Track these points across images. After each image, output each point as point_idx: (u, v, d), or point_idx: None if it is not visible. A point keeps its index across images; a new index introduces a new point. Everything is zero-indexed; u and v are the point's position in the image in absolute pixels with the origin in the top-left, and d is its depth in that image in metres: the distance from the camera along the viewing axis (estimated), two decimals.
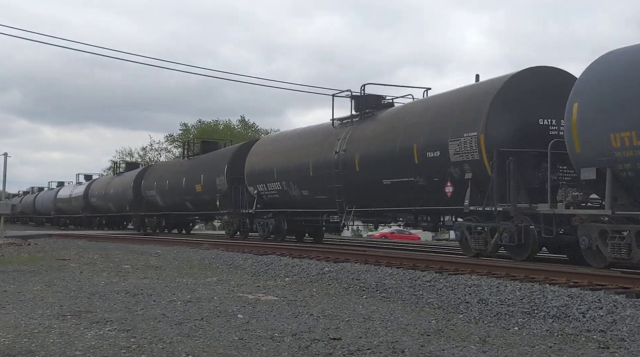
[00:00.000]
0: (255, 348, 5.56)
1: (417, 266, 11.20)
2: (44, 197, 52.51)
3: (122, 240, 23.06)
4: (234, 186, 22.87)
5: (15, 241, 23.14)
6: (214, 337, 5.98)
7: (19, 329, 6.29)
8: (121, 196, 35.07)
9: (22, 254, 16.84)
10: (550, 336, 6.25)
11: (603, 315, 6.76)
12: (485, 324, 6.90)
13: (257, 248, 16.24)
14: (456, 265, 10.93)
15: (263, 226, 21.41)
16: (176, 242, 20.42)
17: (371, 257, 12.69)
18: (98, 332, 6.12)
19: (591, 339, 6.05)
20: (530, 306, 7.43)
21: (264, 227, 21.36)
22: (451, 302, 8.10)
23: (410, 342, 5.81)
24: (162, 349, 5.47)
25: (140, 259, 15.42)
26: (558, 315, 7.00)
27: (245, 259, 13.84)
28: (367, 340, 5.91)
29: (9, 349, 5.42)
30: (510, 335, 6.27)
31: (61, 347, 5.48)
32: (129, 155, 65.94)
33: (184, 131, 60.02)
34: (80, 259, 15.19)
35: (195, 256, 15.52)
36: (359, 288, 9.63)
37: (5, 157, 25.86)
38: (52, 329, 6.26)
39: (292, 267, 12.06)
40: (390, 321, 6.93)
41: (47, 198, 50.89)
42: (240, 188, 22.56)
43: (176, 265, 13.78)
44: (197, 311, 7.46)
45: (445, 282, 9.23)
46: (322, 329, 6.41)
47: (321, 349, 5.50)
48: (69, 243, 22.19)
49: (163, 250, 17.53)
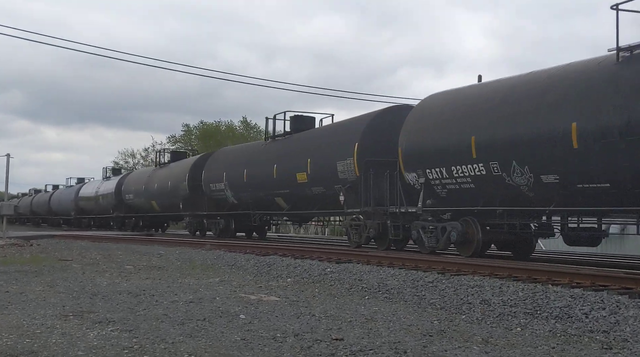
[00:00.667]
0: (258, 348, 5.56)
1: (420, 267, 11.19)
2: (61, 195, 48.61)
3: (124, 240, 23.09)
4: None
5: (18, 241, 23.18)
6: (216, 338, 5.98)
7: (21, 329, 6.30)
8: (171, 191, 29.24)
9: (25, 255, 16.86)
10: (553, 336, 6.24)
11: (606, 315, 6.75)
12: (488, 324, 6.89)
13: (259, 249, 16.24)
14: (459, 266, 10.92)
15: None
16: (178, 243, 20.44)
17: (373, 258, 12.68)
18: (100, 333, 6.12)
19: (594, 340, 6.04)
20: (532, 307, 7.42)
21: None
22: (453, 303, 8.10)
23: (412, 343, 5.81)
24: (164, 349, 5.47)
25: (142, 259, 15.43)
26: (561, 315, 6.99)
27: (248, 260, 13.84)
28: (369, 340, 5.90)
29: (12, 349, 5.43)
30: (512, 336, 6.26)
31: (64, 348, 5.49)
32: (131, 156, 66.11)
33: (185, 132, 60.07)
34: (83, 260, 15.20)
35: (198, 256, 15.53)
36: (361, 289, 9.63)
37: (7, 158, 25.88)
38: (55, 330, 6.27)
39: (294, 268, 12.06)
40: (392, 322, 6.93)
41: (65, 196, 46.91)
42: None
43: (178, 265, 13.79)
44: (199, 311, 7.47)
45: (448, 282, 9.23)
46: (325, 329, 6.41)
47: (323, 350, 5.49)
48: (71, 244, 22.22)
49: (165, 250, 17.54)
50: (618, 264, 12.67)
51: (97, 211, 39.39)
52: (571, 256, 15.82)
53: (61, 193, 49.30)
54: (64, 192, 48.40)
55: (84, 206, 41.99)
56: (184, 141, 59.21)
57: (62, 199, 47.57)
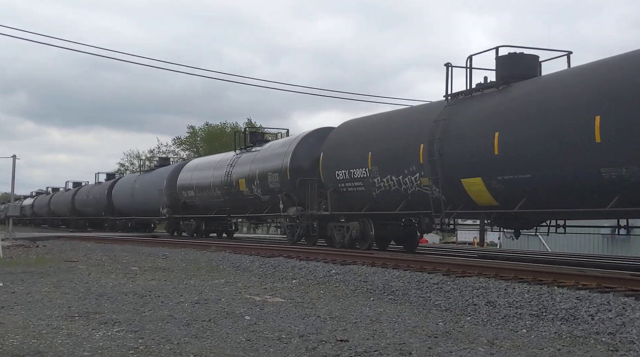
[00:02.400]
0: (263, 349, 5.56)
1: (425, 268, 11.17)
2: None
3: (129, 242, 23.13)
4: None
5: (24, 242, 23.25)
6: (221, 339, 5.99)
7: (27, 329, 6.32)
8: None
9: (31, 256, 16.92)
10: (559, 338, 6.22)
11: (612, 317, 6.72)
12: (493, 326, 6.88)
13: (264, 250, 16.25)
14: (464, 267, 10.90)
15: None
16: (183, 245, 20.47)
17: (378, 260, 12.67)
18: (106, 333, 6.13)
19: (600, 342, 6.02)
20: (538, 308, 7.40)
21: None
22: (459, 305, 8.08)
23: (417, 344, 5.80)
24: (169, 350, 5.48)
25: (147, 260, 15.46)
26: (567, 317, 6.97)
27: (253, 261, 13.85)
28: (374, 342, 5.90)
29: (18, 349, 5.45)
30: (518, 337, 6.25)
31: (69, 348, 5.50)
32: (137, 158, 66.23)
33: (191, 134, 60.15)
34: (89, 261, 15.24)
35: (203, 257, 15.55)
36: (366, 290, 9.62)
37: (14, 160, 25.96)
38: (61, 330, 6.29)
39: (299, 269, 12.06)
40: (397, 323, 6.92)
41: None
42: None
43: (184, 267, 13.81)
44: (204, 312, 7.48)
45: (453, 284, 9.21)
46: (330, 330, 6.41)
47: (328, 351, 5.49)
48: (77, 245, 22.27)
49: (170, 252, 17.57)
50: (624, 266, 12.63)
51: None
52: (576, 257, 15.79)
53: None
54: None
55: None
56: (189, 143, 59.32)
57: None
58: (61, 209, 48.96)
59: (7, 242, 21.89)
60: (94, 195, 41.01)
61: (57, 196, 51.89)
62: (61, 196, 50.81)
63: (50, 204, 51.88)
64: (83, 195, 44.34)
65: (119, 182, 38.50)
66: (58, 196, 51.70)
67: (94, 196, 41.14)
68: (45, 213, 53.22)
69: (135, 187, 34.18)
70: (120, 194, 36.60)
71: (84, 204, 43.66)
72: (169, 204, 28.88)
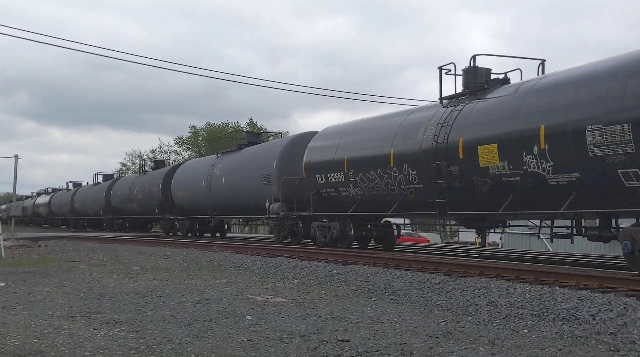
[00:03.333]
0: (264, 349, 5.56)
1: (426, 268, 11.17)
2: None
3: (131, 242, 23.15)
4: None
5: (26, 242, 23.28)
6: (222, 338, 5.99)
7: (29, 329, 6.33)
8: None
9: (32, 256, 16.94)
10: (560, 338, 6.22)
11: (613, 317, 6.71)
12: (495, 326, 6.88)
13: (265, 250, 16.26)
14: (465, 267, 10.90)
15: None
16: (185, 245, 20.48)
17: (379, 260, 12.67)
18: (108, 333, 6.14)
19: (601, 342, 6.02)
20: (539, 308, 7.39)
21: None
22: (460, 305, 8.08)
23: (419, 344, 5.80)
24: (171, 349, 5.49)
25: (149, 260, 15.47)
26: (568, 317, 6.97)
27: (254, 261, 13.85)
28: (375, 342, 5.90)
29: (19, 349, 5.46)
30: (519, 337, 6.25)
31: (71, 348, 5.51)
32: (138, 158, 66.26)
33: (192, 134, 60.18)
34: (90, 261, 15.26)
35: (204, 257, 15.55)
36: (367, 290, 9.62)
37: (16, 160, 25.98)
38: (62, 330, 6.30)
39: (301, 269, 12.06)
40: (398, 323, 6.92)
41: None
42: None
43: (185, 267, 13.82)
44: (206, 312, 7.48)
45: (454, 284, 9.21)
46: (331, 330, 6.41)
47: (329, 351, 5.50)
48: (79, 245, 22.29)
49: (172, 252, 17.58)
50: (626, 266, 12.60)
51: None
52: (578, 257, 15.77)
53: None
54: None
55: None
56: (190, 143, 59.35)
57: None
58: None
59: (9, 242, 21.92)
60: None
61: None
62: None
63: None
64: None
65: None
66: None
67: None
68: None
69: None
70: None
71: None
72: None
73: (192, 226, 28.75)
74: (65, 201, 48.40)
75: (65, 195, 49.42)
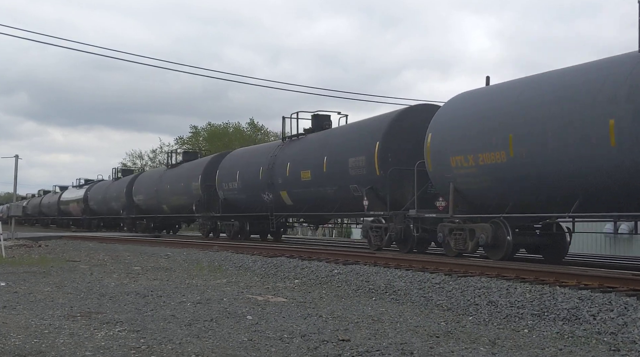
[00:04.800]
0: (265, 349, 5.56)
1: (426, 268, 11.17)
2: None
3: (131, 242, 23.15)
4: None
5: (26, 242, 23.28)
6: (223, 338, 5.99)
7: (29, 329, 6.33)
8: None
9: (33, 256, 16.95)
10: (561, 338, 6.21)
11: (614, 317, 6.71)
12: (495, 326, 6.88)
13: (266, 250, 16.26)
14: (466, 267, 10.89)
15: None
16: (185, 245, 20.48)
17: (380, 260, 12.67)
18: (108, 333, 6.14)
19: (602, 342, 6.02)
20: (540, 308, 7.39)
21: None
22: (460, 304, 8.08)
23: (419, 344, 5.80)
24: (171, 349, 5.49)
25: (150, 260, 15.47)
26: (568, 317, 6.97)
27: (255, 261, 13.86)
28: (376, 341, 5.90)
29: (20, 349, 5.46)
30: (520, 337, 6.25)
31: (71, 348, 5.51)
32: (139, 158, 66.30)
33: (193, 134, 60.17)
34: (91, 261, 15.27)
35: (205, 257, 15.56)
36: (368, 290, 9.62)
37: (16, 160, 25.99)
38: (63, 330, 6.30)
39: (302, 269, 12.06)
40: (399, 323, 6.92)
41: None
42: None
43: (186, 267, 13.82)
44: (206, 312, 7.48)
45: (455, 284, 9.21)
46: (331, 330, 6.41)
47: (330, 351, 5.49)
48: (79, 245, 22.30)
49: (172, 252, 17.58)
50: (626, 266, 12.61)
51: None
52: (580, 257, 15.77)
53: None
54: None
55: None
56: (191, 143, 59.31)
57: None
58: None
59: (10, 242, 21.93)
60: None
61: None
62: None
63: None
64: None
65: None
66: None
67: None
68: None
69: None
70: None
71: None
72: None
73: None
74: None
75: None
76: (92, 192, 41.23)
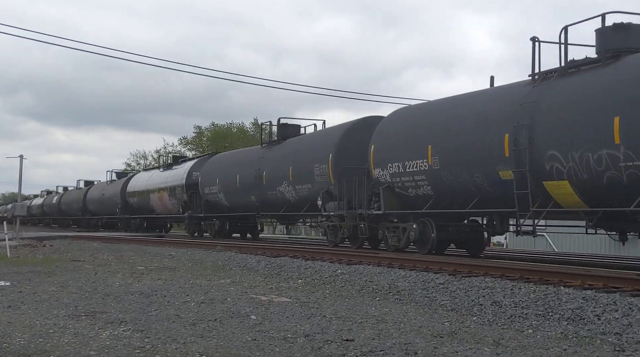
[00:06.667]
0: (268, 349, 5.57)
1: (430, 268, 11.15)
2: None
3: (135, 242, 23.19)
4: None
5: (31, 242, 23.35)
6: (227, 338, 6.00)
7: (34, 329, 6.35)
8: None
9: (37, 255, 17.00)
10: (565, 338, 6.21)
11: (618, 317, 6.70)
12: (499, 326, 6.87)
13: (269, 250, 16.27)
14: (470, 267, 10.88)
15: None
16: (189, 245, 20.51)
17: (384, 260, 12.66)
18: (112, 333, 6.16)
19: (606, 342, 6.01)
20: (544, 309, 7.38)
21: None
22: (464, 305, 8.07)
23: (423, 344, 5.80)
24: (175, 349, 5.50)
25: (154, 260, 15.49)
26: (573, 317, 6.96)
27: (258, 261, 13.86)
28: (379, 341, 5.90)
29: (25, 348, 5.47)
30: (524, 337, 6.24)
31: (76, 347, 5.52)
32: (143, 158, 66.41)
33: (197, 134, 60.23)
34: (95, 261, 15.29)
35: (209, 257, 15.58)
36: (371, 290, 9.62)
37: (21, 160, 26.06)
38: (67, 329, 6.32)
39: (305, 269, 12.07)
40: (403, 323, 6.92)
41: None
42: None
43: (190, 267, 13.84)
44: (210, 311, 7.49)
45: (459, 284, 9.20)
46: (335, 330, 6.42)
47: (334, 351, 5.50)
48: (84, 245, 22.35)
49: (176, 252, 17.60)
50: (631, 266, 12.58)
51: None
52: (583, 257, 15.74)
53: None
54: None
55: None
56: (195, 143, 59.39)
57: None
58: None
59: (15, 241, 21.98)
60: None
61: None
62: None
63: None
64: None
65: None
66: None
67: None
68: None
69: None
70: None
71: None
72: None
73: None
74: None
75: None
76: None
